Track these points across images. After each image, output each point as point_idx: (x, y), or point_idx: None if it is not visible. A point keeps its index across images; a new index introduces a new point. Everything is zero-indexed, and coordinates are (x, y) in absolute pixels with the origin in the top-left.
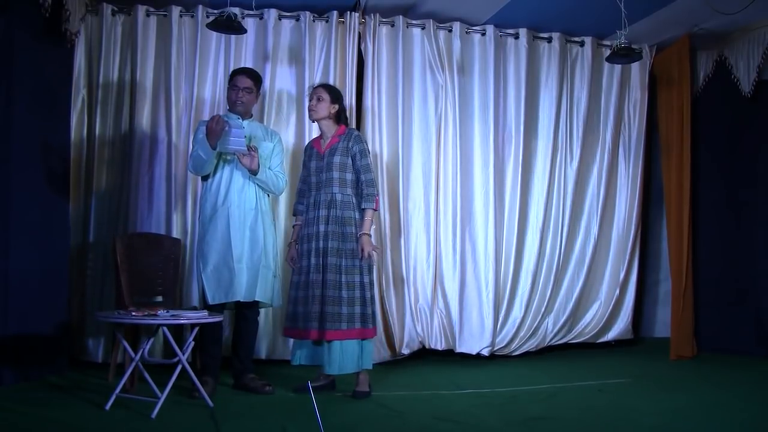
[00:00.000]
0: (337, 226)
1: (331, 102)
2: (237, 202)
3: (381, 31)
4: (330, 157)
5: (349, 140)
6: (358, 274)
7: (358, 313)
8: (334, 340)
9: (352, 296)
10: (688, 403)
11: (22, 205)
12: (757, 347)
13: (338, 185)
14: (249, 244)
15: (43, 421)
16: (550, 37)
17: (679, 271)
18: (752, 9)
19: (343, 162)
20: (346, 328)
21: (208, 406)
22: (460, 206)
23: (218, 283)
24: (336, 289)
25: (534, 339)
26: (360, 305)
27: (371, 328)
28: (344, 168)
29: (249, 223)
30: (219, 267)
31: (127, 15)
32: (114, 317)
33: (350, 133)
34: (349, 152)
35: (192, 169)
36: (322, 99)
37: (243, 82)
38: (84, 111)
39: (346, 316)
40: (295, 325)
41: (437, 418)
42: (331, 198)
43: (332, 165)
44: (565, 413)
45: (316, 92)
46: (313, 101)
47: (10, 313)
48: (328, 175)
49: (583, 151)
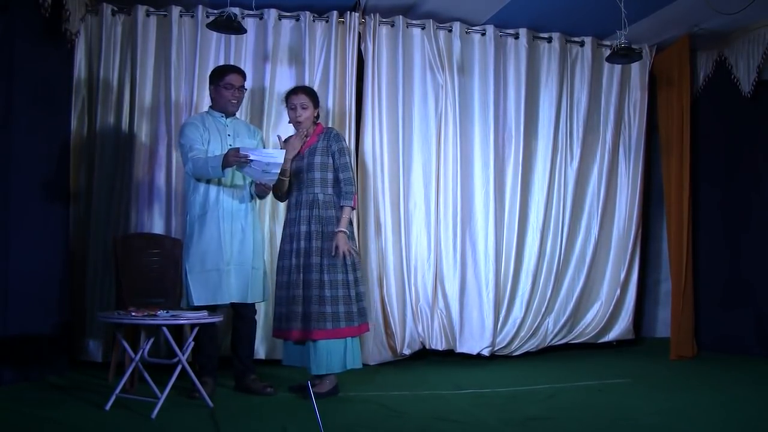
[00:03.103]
0: (320, 226)
1: (314, 106)
2: (228, 203)
3: (381, 31)
4: (311, 157)
5: (329, 139)
6: (341, 273)
7: (343, 312)
8: (319, 340)
9: (335, 295)
10: (688, 403)
11: (22, 205)
12: (757, 347)
13: (320, 185)
14: (239, 246)
15: (43, 421)
16: (550, 37)
17: (679, 271)
18: (752, 9)
19: (323, 162)
20: (332, 327)
21: (208, 407)
22: (461, 206)
23: (205, 285)
24: (319, 289)
25: (534, 339)
26: (344, 304)
27: (358, 326)
28: (325, 168)
29: (240, 224)
30: (207, 268)
31: (127, 15)
32: (114, 317)
33: (329, 132)
34: (329, 151)
35: (193, 174)
36: (307, 107)
37: (238, 80)
38: (84, 110)
39: (330, 315)
40: (279, 325)
41: (437, 418)
42: (313, 198)
43: (313, 165)
44: (565, 413)
45: (299, 100)
46: (297, 111)
47: (10, 313)
48: (309, 175)
49: (583, 151)
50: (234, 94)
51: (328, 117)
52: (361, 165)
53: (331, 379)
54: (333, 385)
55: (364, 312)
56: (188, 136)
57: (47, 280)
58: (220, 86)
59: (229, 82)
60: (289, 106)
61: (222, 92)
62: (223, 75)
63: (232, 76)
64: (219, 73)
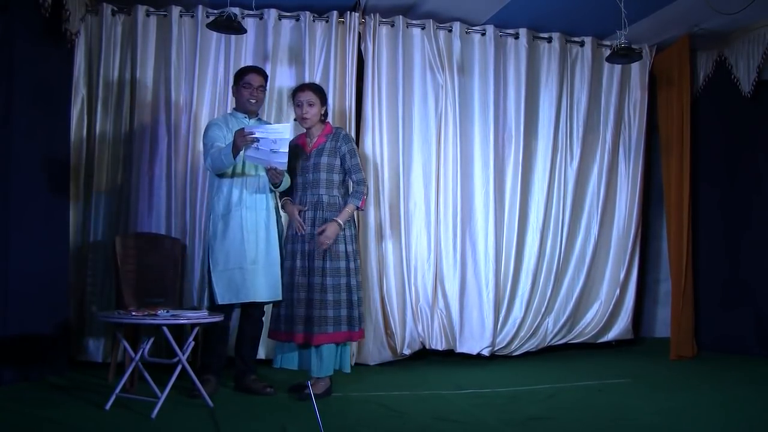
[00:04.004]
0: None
1: (321, 104)
2: (251, 202)
3: (381, 31)
4: (317, 157)
5: (338, 140)
6: (345, 276)
7: (345, 316)
8: (321, 344)
9: (338, 299)
10: (688, 403)
11: (22, 205)
12: (757, 347)
13: (325, 187)
14: (264, 245)
15: (43, 421)
16: (550, 37)
17: (679, 271)
18: (752, 9)
19: (330, 163)
20: (332, 331)
21: (208, 406)
22: (461, 206)
23: (229, 284)
24: (322, 292)
25: (534, 339)
26: (346, 308)
27: (357, 331)
28: (332, 169)
29: (262, 222)
30: (231, 267)
31: (127, 15)
32: (114, 317)
33: (338, 132)
34: (337, 152)
35: (211, 168)
36: (313, 104)
37: (257, 80)
38: (84, 111)
39: (332, 319)
40: (278, 327)
41: (437, 418)
42: (317, 200)
43: (319, 166)
44: (565, 413)
45: (305, 97)
46: (304, 108)
47: (10, 313)
48: (315, 176)
49: (583, 151)
50: (252, 93)
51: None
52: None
53: (326, 380)
54: (328, 386)
55: (363, 318)
56: (210, 136)
57: (47, 280)
58: (240, 86)
59: (248, 82)
60: (295, 103)
61: (241, 91)
62: (242, 75)
63: (251, 76)
64: (239, 73)
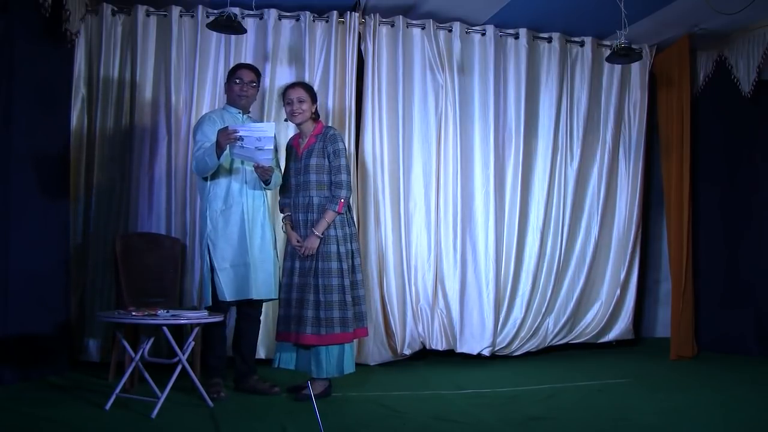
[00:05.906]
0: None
1: (312, 102)
2: (249, 198)
3: (381, 31)
4: (307, 159)
5: (325, 140)
6: (337, 277)
7: (338, 317)
8: (317, 345)
9: (330, 300)
10: (688, 403)
11: (22, 205)
12: (757, 347)
13: (315, 188)
14: (260, 241)
15: (43, 421)
16: (550, 37)
17: (679, 271)
18: (752, 9)
19: (319, 164)
20: (325, 333)
21: (208, 406)
22: (461, 206)
23: (234, 281)
24: (314, 293)
25: (535, 339)
26: (339, 309)
27: (352, 332)
28: (321, 170)
29: (259, 219)
30: (236, 264)
31: (127, 15)
32: (114, 317)
33: (326, 132)
34: (324, 153)
35: (195, 170)
36: (304, 100)
37: (248, 76)
38: (84, 110)
39: (324, 320)
40: (278, 327)
41: (437, 418)
42: (308, 202)
43: (309, 167)
44: (566, 413)
45: (296, 93)
46: (294, 105)
47: (10, 313)
48: (305, 177)
49: (583, 151)
50: (242, 88)
51: (328, 117)
52: (361, 165)
53: (324, 381)
54: (326, 387)
55: (362, 316)
56: (202, 133)
57: (47, 279)
58: (230, 81)
59: (239, 77)
60: (285, 101)
61: (232, 86)
62: (234, 70)
63: (241, 71)
64: (231, 69)
